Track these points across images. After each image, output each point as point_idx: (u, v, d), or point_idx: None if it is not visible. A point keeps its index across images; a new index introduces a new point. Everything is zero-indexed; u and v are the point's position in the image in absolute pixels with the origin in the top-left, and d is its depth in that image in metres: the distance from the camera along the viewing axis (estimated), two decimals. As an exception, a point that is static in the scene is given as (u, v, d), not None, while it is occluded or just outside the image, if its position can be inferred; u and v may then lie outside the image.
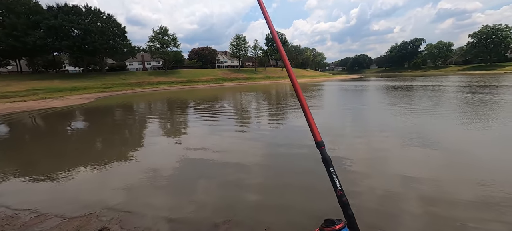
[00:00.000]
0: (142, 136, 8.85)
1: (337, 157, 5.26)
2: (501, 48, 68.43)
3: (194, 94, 27.53)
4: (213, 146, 6.52)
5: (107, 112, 15.30)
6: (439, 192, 3.72)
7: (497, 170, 4.39)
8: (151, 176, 4.76)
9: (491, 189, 3.69)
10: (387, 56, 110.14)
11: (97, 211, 3.48)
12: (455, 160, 5.09)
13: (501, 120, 8.47)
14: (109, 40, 40.93)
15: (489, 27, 68.98)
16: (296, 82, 1.13)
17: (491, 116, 9.33)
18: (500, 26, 67.42)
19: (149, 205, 3.65)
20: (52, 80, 32.90)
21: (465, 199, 3.48)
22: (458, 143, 6.23)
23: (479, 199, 3.46)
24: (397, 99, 15.70)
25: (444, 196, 3.58)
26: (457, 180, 4.11)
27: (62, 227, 3.09)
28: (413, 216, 3.14)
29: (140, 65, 67.24)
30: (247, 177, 4.58)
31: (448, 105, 12.35)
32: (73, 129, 10.57)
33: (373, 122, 9.50)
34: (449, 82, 30.50)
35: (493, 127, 7.60)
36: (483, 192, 3.64)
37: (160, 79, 44.23)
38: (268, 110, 13.56)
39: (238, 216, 3.26)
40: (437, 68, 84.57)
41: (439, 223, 2.97)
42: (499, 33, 66.62)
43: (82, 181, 4.67)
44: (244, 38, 59.52)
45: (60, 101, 21.39)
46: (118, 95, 28.62)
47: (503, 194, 3.52)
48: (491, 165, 4.67)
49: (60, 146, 7.73)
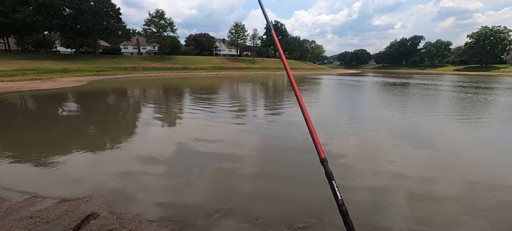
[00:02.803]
0: (136, 122, 8.72)
1: (330, 152, 5.29)
2: (497, 50, 69.06)
3: (191, 82, 27.13)
4: (207, 135, 6.47)
5: (101, 97, 14.97)
6: (426, 187, 3.80)
7: (481, 169, 4.51)
8: (144, 162, 4.71)
9: (475, 187, 3.79)
10: (386, 53, 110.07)
11: (87, 195, 3.43)
12: (442, 158, 5.20)
13: (489, 120, 8.64)
14: (102, 21, 39.47)
15: (488, 28, 69.22)
16: (300, 98, 1.24)
17: (480, 116, 9.51)
18: (498, 28, 67.73)
19: (141, 192, 3.62)
20: (42, 60, 31.78)
21: (450, 196, 3.57)
22: (446, 142, 6.34)
23: (463, 197, 3.55)
24: (393, 97, 15.81)
25: (430, 192, 3.66)
26: (444, 177, 4.20)
27: (50, 211, 3.04)
28: (400, 210, 3.21)
29: (135, 49, 65.55)
30: (239, 167, 4.58)
31: (440, 104, 12.52)
32: (65, 112, 10.31)
33: (367, 119, 9.57)
34: (443, 82, 30.85)
35: (482, 127, 7.76)
36: (467, 190, 3.74)
37: (156, 65, 43.30)
38: (264, 102, 13.50)
39: (230, 204, 3.26)
40: (434, 67, 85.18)
41: (426, 218, 3.04)
42: (497, 35, 67.03)
43: (73, 165, 4.59)
44: (243, 27, 58.34)
45: (51, 83, 20.78)
46: (112, 80, 27.98)
47: (486, 194, 3.63)
48: (476, 164, 4.78)
49: (51, 129, 7.56)
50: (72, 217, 2.92)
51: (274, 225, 2.88)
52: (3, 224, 2.77)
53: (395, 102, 12.91)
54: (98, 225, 2.80)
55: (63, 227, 2.75)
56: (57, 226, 2.75)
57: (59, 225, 2.78)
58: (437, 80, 31.81)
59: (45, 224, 2.79)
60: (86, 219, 2.91)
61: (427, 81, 30.59)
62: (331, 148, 5.47)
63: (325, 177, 1.17)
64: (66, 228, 2.72)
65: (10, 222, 2.81)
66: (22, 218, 2.89)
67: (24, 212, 3.02)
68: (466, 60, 79.16)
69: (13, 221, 2.83)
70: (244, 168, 4.57)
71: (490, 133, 7.22)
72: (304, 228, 2.81)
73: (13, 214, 2.98)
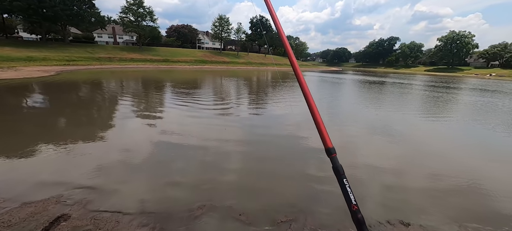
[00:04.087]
0: (111, 117, 8.21)
1: (311, 146, 5.44)
2: (462, 53, 75.54)
3: (172, 75, 26.13)
4: (189, 131, 6.30)
5: (72, 89, 13.84)
6: (396, 176, 4.09)
7: (444, 160, 4.96)
8: (120, 159, 4.46)
9: (438, 178, 4.15)
10: (365, 52, 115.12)
11: (57, 196, 3.17)
12: (409, 149, 5.61)
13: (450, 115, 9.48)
14: (72, 6, 36.21)
15: (455, 32, 75.32)
16: (304, 83, 1.06)
17: (443, 112, 10.40)
18: (464, 33, 73.96)
19: (117, 190, 3.43)
20: (1, 47, 28.46)
21: (416, 186, 3.88)
22: (414, 135, 6.86)
23: (428, 186, 3.88)
24: (370, 95, 16.63)
25: (400, 181, 3.95)
26: (411, 167, 4.54)
27: (13, 214, 2.77)
28: (373, 200, 3.41)
29: (111, 38, 61.31)
30: (222, 163, 4.53)
31: (420, 103, 13.45)
32: (31, 105, 9.38)
33: (347, 115, 9.98)
34: (417, 81, 33.10)
35: (446, 122, 8.50)
36: (431, 180, 4.09)
37: (134, 56, 40.99)
38: (248, 97, 13.44)
39: (212, 201, 3.22)
40: (408, 67, 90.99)
41: (395, 205, 3.27)
42: (462, 39, 73.24)
43: (41, 162, 4.21)
44: (228, 20, 57.14)
45: (13, 72, 18.75)
46: (85, 70, 26.00)
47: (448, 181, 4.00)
48: (439, 155, 5.24)
49: (13, 124, 6.83)
50: (39, 220, 2.69)
51: (257, 220, 2.90)
52: (-45, 230, 2.47)
53: (379, 101, 13.60)
54: (70, 227, 2.61)
55: (29, 230, 2.52)
56: (22, 230, 2.52)
57: (24, 228, 2.54)
58: (411, 80, 34.10)
59: (7, 228, 2.53)
60: (56, 221, 2.70)
61: (403, 80, 32.67)
62: (312, 142, 5.63)
63: (305, 169, 1.08)
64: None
65: (-36, 228, 2.51)
66: (-22, 222, 2.59)
67: (-19, 216, 2.71)
68: (435, 62, 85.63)
69: (-33, 227, 2.53)
70: (226, 163, 4.53)
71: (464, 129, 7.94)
72: (287, 222, 2.88)
73: (-33, 219, 2.66)
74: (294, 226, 2.80)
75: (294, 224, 2.83)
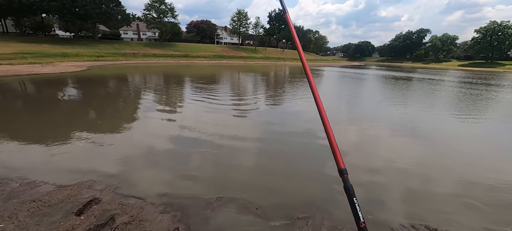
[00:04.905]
0: (136, 109, 8.68)
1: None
2: (504, 46, 67.62)
3: (191, 70, 26.87)
4: (208, 124, 6.45)
5: (101, 83, 14.86)
6: (422, 181, 3.82)
7: (482, 165, 4.52)
8: (145, 149, 4.72)
9: (469, 184, 3.81)
10: (390, 45, 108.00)
11: (89, 181, 3.45)
12: (440, 151, 5.20)
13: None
14: (101, 4, 38.59)
15: (497, 23, 67.48)
16: (319, 101, 1.08)
17: (483, 112, 9.45)
18: (507, 23, 66.06)
19: (142, 178, 3.64)
20: (41, 44, 31.32)
21: (444, 192, 3.59)
22: (446, 137, 6.34)
23: (457, 194, 3.57)
24: (396, 92, 15.67)
25: (426, 186, 3.69)
26: (441, 171, 4.21)
27: (52, 195, 3.07)
28: (396, 204, 3.24)
29: (135, 35, 64.43)
30: (238, 158, 4.59)
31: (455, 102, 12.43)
32: (66, 97, 10.26)
33: (370, 112, 9.53)
34: (451, 77, 30.47)
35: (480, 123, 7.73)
36: (461, 186, 3.76)
37: (156, 52, 42.74)
38: (265, 92, 13.39)
39: (230, 193, 3.29)
40: (439, 61, 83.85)
41: (420, 213, 3.07)
42: (505, 31, 65.46)
43: (74, 150, 4.60)
44: (246, 14, 57.09)
45: (51, 67, 20.58)
46: (112, 66, 27.70)
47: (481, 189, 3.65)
48: (472, 159, 4.79)
49: (52, 114, 7.54)
50: (74, 202, 2.95)
51: (273, 215, 2.91)
52: (6, 207, 2.80)
53: (407, 98, 12.81)
54: (100, 210, 2.83)
55: (66, 211, 2.78)
56: (59, 210, 2.78)
57: (62, 209, 2.81)
58: (443, 75, 31.45)
59: (47, 208, 2.82)
60: (88, 204, 2.94)
61: (433, 76, 30.21)
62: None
63: (323, 168, 1.12)
64: (68, 212, 2.75)
65: (13, 205, 2.83)
66: (24, 201, 2.92)
67: (26, 196, 3.05)
68: (471, 56, 77.83)
69: (16, 204, 2.85)
70: (243, 159, 4.58)
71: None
72: (304, 219, 2.84)
73: (16, 198, 3.01)
74: (311, 224, 2.76)
75: (311, 222, 2.79)
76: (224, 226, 2.71)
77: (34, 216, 2.68)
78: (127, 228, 2.57)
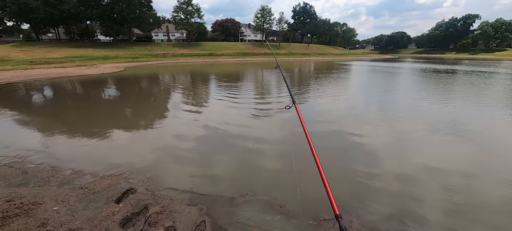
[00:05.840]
0: (167, 107, 9.24)
1: (357, 142, 4.98)
2: None
3: (216, 68, 27.63)
4: (234, 122, 6.58)
5: (136, 82, 16.12)
6: (465, 188, 3.37)
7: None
8: (175, 144, 5.00)
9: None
10: (430, 35, 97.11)
11: (126, 172, 3.77)
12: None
13: None
14: (135, 9, 41.67)
15: None
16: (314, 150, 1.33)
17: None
18: None
19: (172, 172, 3.86)
20: (86, 48, 35.15)
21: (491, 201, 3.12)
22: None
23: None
24: (436, 87, 14.14)
25: (471, 195, 3.24)
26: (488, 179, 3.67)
27: (96, 183, 3.42)
28: (433, 212, 2.92)
29: (165, 36, 68.38)
30: (265, 156, 4.58)
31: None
32: (106, 95, 11.38)
33: (406, 109, 8.75)
34: (503, 68, 26.46)
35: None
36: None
37: (184, 51, 44.85)
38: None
39: (254, 190, 3.31)
40: (490, 51, 73.05)
41: (461, 223, 2.72)
42: None
43: (114, 144, 5.07)
44: (270, 11, 56.54)
45: (94, 69, 22.97)
46: (145, 66, 29.85)
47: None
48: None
49: (95, 110, 8.42)
50: (114, 191, 3.25)
51: (298, 214, 2.85)
52: (60, 192, 3.20)
53: (449, 94, 11.54)
54: (136, 199, 3.08)
55: (107, 198, 3.08)
56: (102, 197, 3.10)
57: (104, 196, 3.12)
58: (496, 67, 27.42)
59: (92, 195, 3.15)
60: (126, 193, 3.22)
61: (483, 68, 26.51)
62: (356, 137, 5.14)
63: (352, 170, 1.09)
64: (109, 200, 3.05)
65: (65, 191, 3.23)
66: (74, 188, 3.31)
67: (75, 183, 3.45)
68: (533, 43, 66.28)
69: (67, 190, 3.25)
70: (268, 156, 4.57)
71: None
72: (331, 220, 2.73)
73: (67, 184, 3.43)
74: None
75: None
76: (248, 221, 2.73)
77: (82, 201, 3.02)
78: (159, 217, 2.75)
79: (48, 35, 49.22)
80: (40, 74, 18.35)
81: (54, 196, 3.09)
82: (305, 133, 1.59)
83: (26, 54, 27.32)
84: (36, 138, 5.47)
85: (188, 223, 2.67)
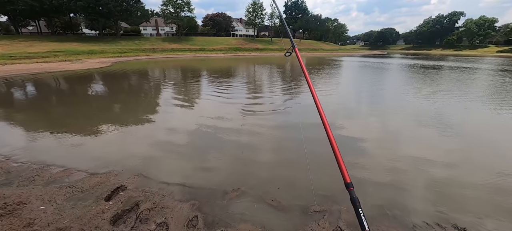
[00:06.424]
0: (157, 103, 9.07)
1: (348, 136, 5.12)
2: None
3: (207, 64, 27.27)
4: (225, 118, 6.56)
5: (124, 78, 15.67)
6: (450, 178, 3.57)
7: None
8: (165, 141, 4.94)
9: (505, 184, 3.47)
10: (417, 32, 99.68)
11: (116, 169, 3.71)
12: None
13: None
14: (122, 2, 40.18)
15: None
16: (324, 117, 1.29)
17: None
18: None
19: (163, 168, 3.83)
20: (70, 42, 33.65)
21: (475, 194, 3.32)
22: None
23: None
24: (422, 82, 14.62)
25: (454, 184, 3.44)
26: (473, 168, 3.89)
27: (84, 182, 3.35)
28: (421, 201, 3.07)
29: (154, 30, 66.56)
30: (257, 150, 4.62)
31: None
32: (94, 92, 11.01)
33: (394, 104, 9.02)
34: (485, 64, 27.66)
35: None
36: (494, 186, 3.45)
37: (174, 46, 43.85)
38: (280, 86, 13.23)
39: (246, 185, 3.35)
40: (473, 47, 75.99)
41: (448, 214, 2.88)
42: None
43: (103, 141, 4.95)
44: (261, 5, 56.10)
45: (80, 64, 22.09)
46: (134, 61, 29.01)
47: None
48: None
49: (82, 107, 8.14)
50: (104, 188, 3.20)
51: (288, 207, 2.92)
52: (46, 191, 3.11)
53: (434, 89, 11.95)
54: (126, 196, 3.04)
55: (96, 196, 3.02)
56: (91, 195, 3.04)
57: (93, 194, 3.07)
58: (479, 63, 28.62)
59: (81, 193, 3.09)
60: (116, 190, 3.17)
61: (467, 64, 27.60)
62: (347, 132, 5.29)
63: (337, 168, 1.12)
64: (98, 198, 2.99)
65: (52, 190, 3.15)
66: (61, 186, 3.22)
67: (62, 182, 3.36)
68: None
69: (54, 189, 3.17)
70: (260, 151, 4.61)
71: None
72: (320, 212, 2.82)
73: (54, 183, 3.33)
74: (328, 218, 2.73)
75: (328, 216, 2.76)
76: (240, 215, 2.77)
77: (70, 200, 2.95)
78: (150, 214, 2.74)
79: (28, 28, 46.78)
80: (21, 69, 17.48)
81: (40, 195, 3.00)
82: (307, 79, 1.47)
83: (4, 48, 25.85)
84: (19, 136, 5.25)
85: (180, 219, 2.67)
